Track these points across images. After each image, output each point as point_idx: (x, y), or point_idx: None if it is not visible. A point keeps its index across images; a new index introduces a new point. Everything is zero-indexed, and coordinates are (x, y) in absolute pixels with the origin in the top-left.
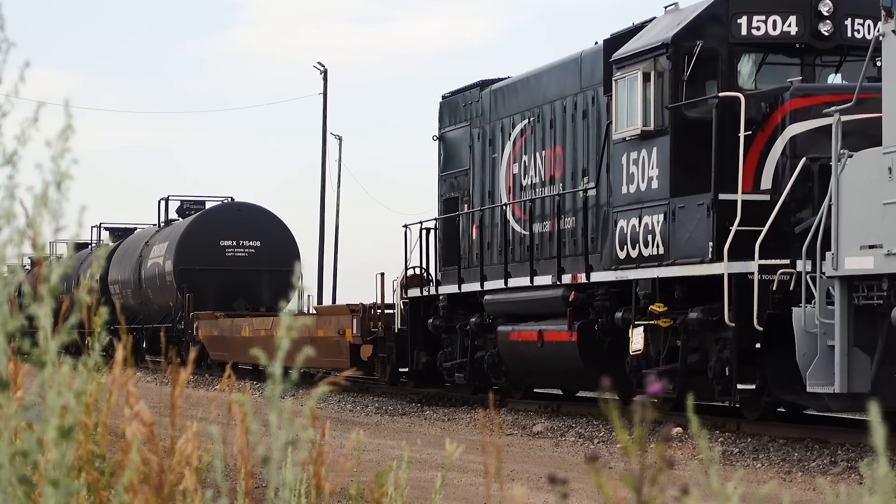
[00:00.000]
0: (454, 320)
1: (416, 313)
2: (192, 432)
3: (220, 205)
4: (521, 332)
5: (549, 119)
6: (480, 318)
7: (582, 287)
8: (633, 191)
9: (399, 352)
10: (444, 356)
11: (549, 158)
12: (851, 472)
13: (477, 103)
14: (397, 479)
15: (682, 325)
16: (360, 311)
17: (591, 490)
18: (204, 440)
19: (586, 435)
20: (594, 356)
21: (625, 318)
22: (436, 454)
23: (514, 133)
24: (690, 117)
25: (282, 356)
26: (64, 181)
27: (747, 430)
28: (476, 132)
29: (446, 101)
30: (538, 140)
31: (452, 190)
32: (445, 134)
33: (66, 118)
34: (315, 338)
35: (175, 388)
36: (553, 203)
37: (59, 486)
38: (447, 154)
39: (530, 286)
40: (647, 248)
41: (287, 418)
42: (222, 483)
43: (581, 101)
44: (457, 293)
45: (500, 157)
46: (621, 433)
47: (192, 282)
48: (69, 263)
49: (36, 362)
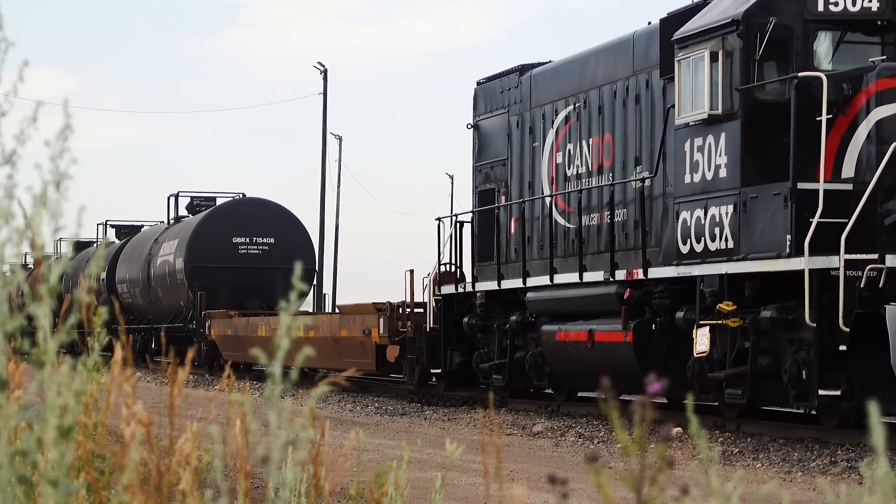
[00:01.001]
0: (491, 319)
1: (450, 311)
2: (192, 432)
3: (232, 200)
4: (569, 332)
5: (596, 105)
6: (522, 317)
7: (638, 284)
8: (697, 180)
9: (431, 352)
10: (481, 357)
11: (597, 147)
12: (851, 472)
13: (516, 89)
14: (397, 479)
15: (753, 325)
16: (387, 310)
17: (591, 490)
18: (204, 440)
19: (586, 435)
20: (651, 358)
21: (687, 318)
22: (436, 454)
23: (557, 120)
24: (763, 100)
25: (281, 356)
26: (63, 181)
27: (747, 430)
28: (515, 119)
29: (482, 87)
30: (584, 127)
31: (488, 181)
32: (481, 122)
33: (65, 118)
34: (338, 338)
35: (174, 387)
36: (604, 194)
37: (58, 485)
38: (482, 143)
39: (579, 283)
40: (713, 242)
41: (287, 418)
42: (222, 483)
43: (633, 85)
44: (495, 290)
45: (541, 146)
46: (621, 433)
47: (203, 280)
48: (69, 263)
49: (35, 362)
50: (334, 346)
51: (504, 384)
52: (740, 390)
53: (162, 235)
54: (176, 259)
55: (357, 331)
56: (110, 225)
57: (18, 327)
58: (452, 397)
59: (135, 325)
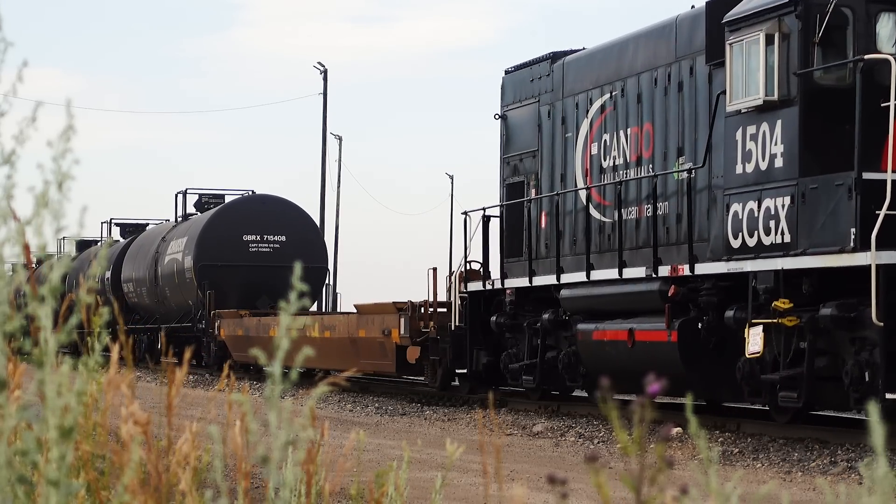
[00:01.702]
0: (520, 317)
1: (476, 310)
2: (192, 432)
3: (242, 197)
4: (607, 331)
5: (635, 93)
6: (555, 315)
7: (682, 280)
8: (750, 170)
9: (456, 352)
10: (509, 357)
11: (636, 137)
12: (851, 472)
13: (547, 77)
14: (397, 479)
15: (810, 324)
16: (408, 310)
17: (590, 490)
18: (204, 440)
19: (586, 435)
20: (697, 359)
21: (737, 317)
22: (436, 454)
23: (592, 110)
24: (823, 85)
25: (281, 356)
26: (65, 181)
27: (747, 430)
28: (546, 109)
29: (510, 76)
30: (622, 117)
31: (516, 174)
32: (509, 112)
33: (68, 118)
34: (355, 339)
35: (171, 387)
36: (644, 186)
37: (59, 486)
38: (511, 134)
39: (618, 279)
40: (768, 236)
41: (286, 418)
42: (222, 483)
43: (675, 71)
44: (526, 287)
45: (574, 137)
46: (621, 433)
47: (213, 278)
48: (69, 263)
49: (35, 362)
50: (351, 347)
51: (535, 385)
52: (796, 393)
53: (170, 233)
54: (185, 257)
55: (376, 331)
56: (115, 223)
57: (19, 327)
58: (452, 397)
59: (141, 325)
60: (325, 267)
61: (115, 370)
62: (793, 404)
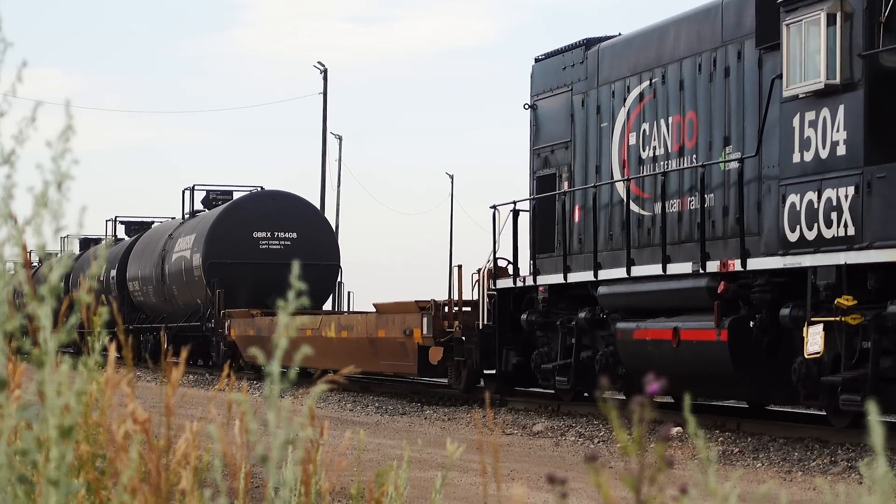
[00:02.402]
0: (553, 315)
1: (505, 308)
2: (192, 432)
3: (252, 193)
4: (649, 330)
5: (676, 80)
6: (591, 313)
7: (733, 276)
8: (809, 159)
9: (484, 352)
10: (541, 356)
11: (678, 126)
12: (851, 471)
13: (581, 65)
14: (397, 478)
15: (876, 322)
16: (431, 309)
17: (590, 489)
18: (204, 440)
19: (586, 434)
20: (748, 359)
21: (794, 315)
22: (436, 454)
23: (629, 98)
24: (890, 67)
25: (279, 355)
26: (64, 181)
27: (747, 429)
28: (579, 98)
29: (540, 64)
30: (662, 105)
31: (547, 165)
32: (539, 102)
33: (67, 118)
34: (374, 339)
35: (169, 387)
36: (688, 178)
37: (58, 485)
38: (541, 124)
39: (662, 275)
40: (829, 229)
41: (286, 417)
42: (221, 482)
43: (722, 56)
44: (560, 284)
45: (611, 127)
46: (621, 433)
47: (222, 277)
48: (69, 263)
49: (35, 362)
50: (370, 348)
51: (569, 386)
52: (859, 396)
53: (177, 230)
54: (193, 255)
55: (397, 331)
56: (120, 221)
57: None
58: (452, 396)
59: (147, 325)
60: (338, 265)
61: (113, 370)
62: (855, 408)
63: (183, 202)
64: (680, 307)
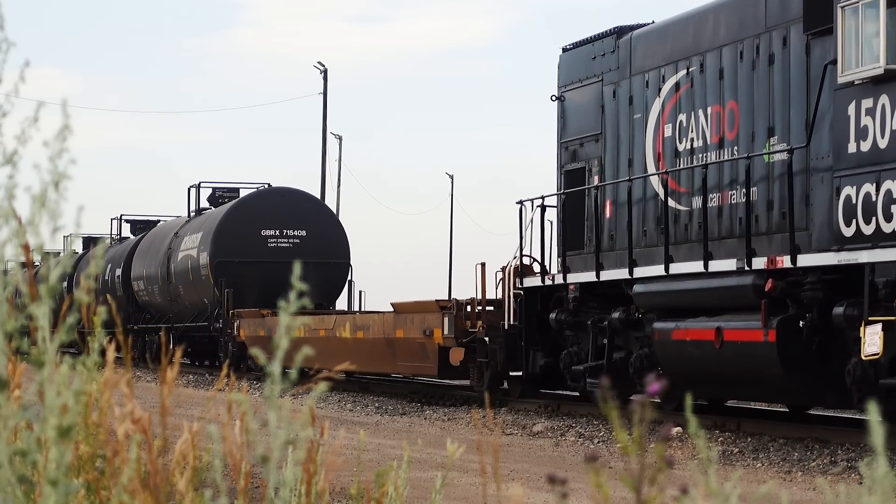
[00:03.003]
0: (583, 314)
1: (532, 307)
2: (192, 433)
3: (260, 190)
4: (689, 330)
5: (716, 68)
6: (626, 313)
7: (780, 273)
8: (866, 149)
9: (510, 352)
10: (570, 357)
11: (718, 117)
12: (851, 471)
13: (612, 54)
14: (397, 479)
15: None
16: (452, 308)
17: (590, 490)
18: (203, 440)
19: (586, 435)
20: (798, 361)
21: (849, 314)
22: (436, 454)
23: (664, 88)
24: None
25: (280, 355)
26: (62, 181)
27: (747, 429)
28: (610, 89)
29: (568, 54)
30: (700, 95)
31: (576, 159)
32: (567, 93)
33: (64, 118)
34: (392, 339)
35: (163, 387)
36: (728, 171)
37: (58, 485)
38: (569, 116)
39: (703, 273)
40: (889, 223)
41: (286, 417)
42: (221, 483)
43: (765, 43)
44: (591, 282)
45: (644, 118)
46: (621, 433)
47: (230, 276)
48: (70, 263)
49: (34, 362)
50: (387, 349)
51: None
52: None
53: (182, 229)
54: (200, 253)
55: (416, 331)
56: (125, 220)
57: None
58: (452, 396)
59: (152, 325)
60: (348, 263)
61: (112, 370)
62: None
63: (188, 200)
64: (722, 306)
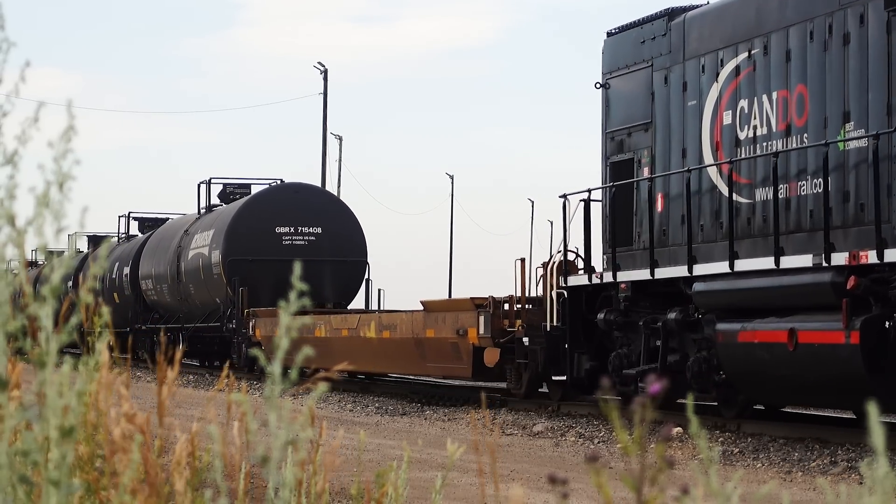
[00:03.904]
0: (633, 315)
1: (576, 307)
2: (192, 433)
3: (274, 186)
4: (758, 331)
5: (782, 50)
6: (683, 313)
7: (863, 270)
8: None
9: (551, 355)
10: (619, 360)
11: (784, 102)
12: (852, 472)
13: (663, 38)
14: (397, 479)
15: None
16: (488, 307)
17: (591, 490)
18: (203, 440)
19: (586, 435)
20: (884, 365)
21: None
22: (436, 454)
23: (723, 72)
24: None
25: (280, 356)
26: (66, 181)
27: (747, 429)
28: (661, 74)
29: (613, 38)
30: (764, 79)
31: (622, 150)
32: (612, 80)
33: (69, 119)
34: (421, 339)
35: (160, 387)
36: (795, 160)
37: (59, 486)
38: (615, 105)
39: (774, 270)
40: None
41: (286, 418)
42: (222, 483)
43: (839, 22)
44: (645, 280)
45: (700, 105)
46: (621, 433)
47: (244, 274)
48: (71, 263)
49: (36, 362)
50: (416, 349)
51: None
52: None
53: (193, 226)
54: (212, 251)
55: (448, 331)
56: (133, 217)
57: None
58: (452, 396)
59: (161, 325)
60: (365, 261)
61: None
62: None
63: (198, 196)
64: (795, 305)
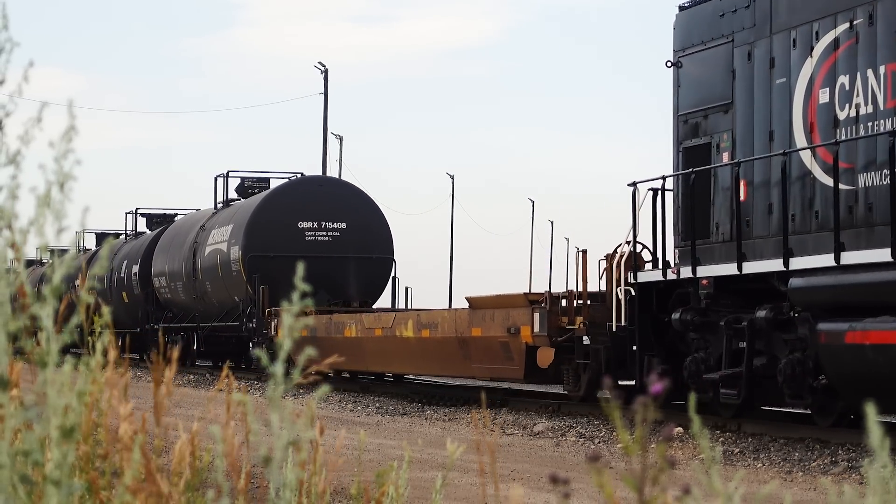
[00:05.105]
0: (712, 314)
1: (645, 305)
2: (193, 433)
3: (296, 179)
4: (871, 332)
5: (890, 19)
6: (774, 311)
7: None
8: None
9: (617, 358)
10: (696, 364)
11: (893, 77)
12: (852, 471)
13: (745, 10)
14: (397, 479)
15: None
16: (544, 303)
17: (592, 490)
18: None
19: (587, 435)
20: None
21: None
22: (436, 454)
23: (818, 46)
24: None
25: (283, 356)
26: (67, 182)
27: (748, 429)
28: (744, 50)
29: (687, 12)
30: (869, 52)
31: (697, 134)
32: (685, 58)
33: (70, 119)
34: (466, 338)
35: (157, 386)
36: None
37: (60, 486)
38: (689, 85)
39: (889, 263)
40: None
41: (288, 418)
42: (223, 483)
43: None
44: (731, 276)
45: (791, 83)
46: (622, 433)
47: (265, 271)
48: (73, 262)
49: (36, 362)
50: (460, 349)
51: (739, 400)
52: None
53: (209, 221)
54: (230, 247)
55: (498, 329)
56: (140, 214)
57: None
58: (452, 396)
59: (175, 324)
60: (391, 258)
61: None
62: None
63: (215, 190)
64: None
